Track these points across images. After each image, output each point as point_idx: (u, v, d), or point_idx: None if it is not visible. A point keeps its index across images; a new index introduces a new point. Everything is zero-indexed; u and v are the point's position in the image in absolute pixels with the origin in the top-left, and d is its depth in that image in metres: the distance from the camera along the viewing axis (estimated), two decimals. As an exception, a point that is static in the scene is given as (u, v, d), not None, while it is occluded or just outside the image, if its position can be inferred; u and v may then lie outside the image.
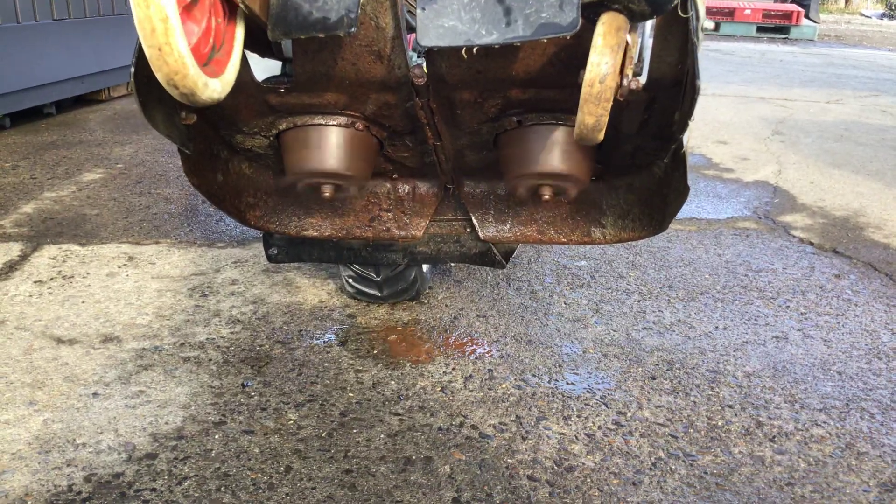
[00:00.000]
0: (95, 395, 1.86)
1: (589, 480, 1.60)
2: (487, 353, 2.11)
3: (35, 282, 2.48)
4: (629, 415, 1.84)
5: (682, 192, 1.51)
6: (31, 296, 2.38)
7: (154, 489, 1.54)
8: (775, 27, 12.28)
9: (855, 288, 2.62)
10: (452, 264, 2.64)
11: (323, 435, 1.72)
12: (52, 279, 2.50)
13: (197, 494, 1.53)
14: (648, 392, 1.94)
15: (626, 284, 2.60)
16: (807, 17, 12.78)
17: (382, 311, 2.31)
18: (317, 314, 2.29)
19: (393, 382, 1.94)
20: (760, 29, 12.25)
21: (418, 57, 1.73)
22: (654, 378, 2.01)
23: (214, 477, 1.58)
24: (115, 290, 2.43)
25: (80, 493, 1.53)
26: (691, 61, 1.38)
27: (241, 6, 1.27)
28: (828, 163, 4.33)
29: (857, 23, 16.17)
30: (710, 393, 1.95)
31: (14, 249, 2.74)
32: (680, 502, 1.55)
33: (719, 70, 8.00)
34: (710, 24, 2.31)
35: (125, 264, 2.63)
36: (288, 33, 1.31)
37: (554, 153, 1.59)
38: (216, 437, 1.70)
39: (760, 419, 1.85)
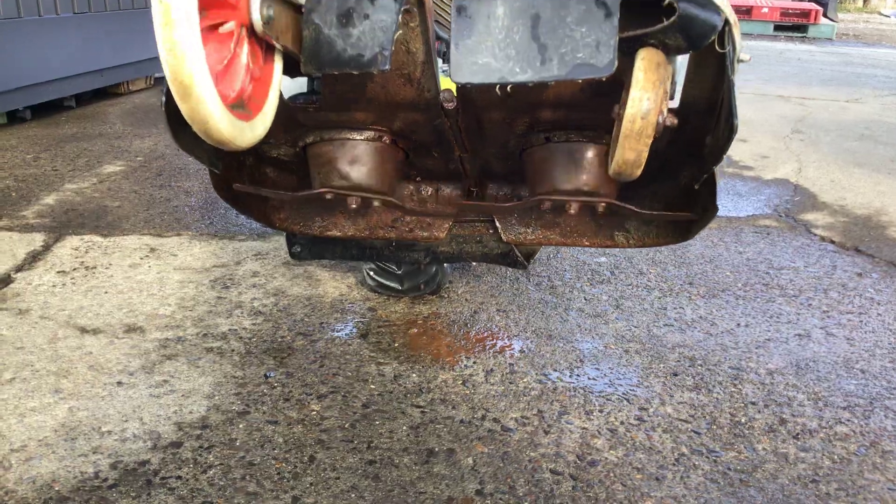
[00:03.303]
0: (120, 383, 1.87)
1: (612, 475, 1.60)
2: (508, 347, 2.11)
3: (58, 272, 2.50)
4: (651, 410, 1.84)
5: (709, 211, 1.49)
6: (54, 286, 2.40)
7: (179, 477, 1.55)
8: (793, 26, 12.20)
9: (877, 286, 2.60)
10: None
11: (346, 426, 1.73)
12: (74, 269, 2.52)
13: (222, 483, 1.53)
14: (671, 388, 1.94)
15: (647, 281, 2.59)
16: (825, 15, 12.68)
17: (403, 305, 2.32)
18: (337, 307, 2.30)
19: (414, 375, 1.94)
20: (778, 27, 12.16)
21: (444, 62, 1.74)
22: (676, 374, 2.00)
23: (239, 466, 1.59)
24: (138, 280, 2.45)
25: (106, 479, 1.54)
26: (727, 98, 1.36)
27: (277, 45, 1.28)
28: (848, 161, 4.30)
29: (876, 22, 16.03)
30: (733, 390, 1.95)
31: (37, 240, 2.76)
32: (704, 498, 1.55)
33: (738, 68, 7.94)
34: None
35: (147, 255, 2.65)
36: (321, 68, 1.32)
37: (582, 171, 1.60)
38: (240, 426, 1.71)
39: (784, 416, 1.84)
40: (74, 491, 1.50)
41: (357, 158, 1.63)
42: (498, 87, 1.31)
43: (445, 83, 1.48)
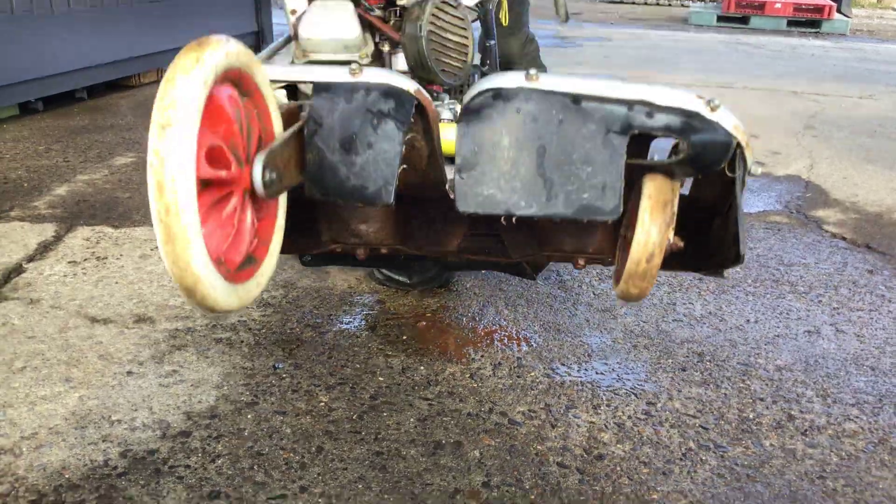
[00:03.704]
0: (130, 373, 1.88)
1: (619, 469, 1.60)
2: (516, 341, 2.11)
3: (69, 262, 2.51)
4: (659, 405, 1.84)
5: (730, 258, 1.38)
6: (65, 276, 2.41)
7: (188, 466, 1.56)
8: (806, 21, 12.10)
9: (889, 284, 2.59)
10: None
11: (354, 417, 1.73)
12: (85, 260, 2.54)
13: (230, 472, 1.54)
14: (679, 383, 1.93)
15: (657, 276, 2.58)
16: (839, 11, 12.58)
17: (411, 298, 2.32)
18: (346, 299, 2.31)
19: (422, 368, 1.95)
20: (791, 23, 12.07)
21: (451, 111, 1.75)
22: (684, 369, 2.00)
23: (247, 455, 1.59)
24: (148, 271, 2.46)
25: (115, 467, 1.55)
26: (734, 224, 1.32)
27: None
28: (861, 158, 4.27)
29: (891, 17, 15.88)
30: (742, 385, 1.94)
31: (48, 230, 2.78)
32: (710, 492, 1.55)
33: (750, 64, 7.90)
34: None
35: (157, 247, 2.66)
36: (325, 196, 1.30)
37: (590, 236, 1.61)
38: (249, 416, 1.72)
39: (792, 412, 1.84)
40: (84, 478, 1.51)
41: (367, 218, 1.66)
42: (503, 217, 1.31)
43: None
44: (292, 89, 1.71)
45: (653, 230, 1.24)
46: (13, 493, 1.46)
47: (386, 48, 1.69)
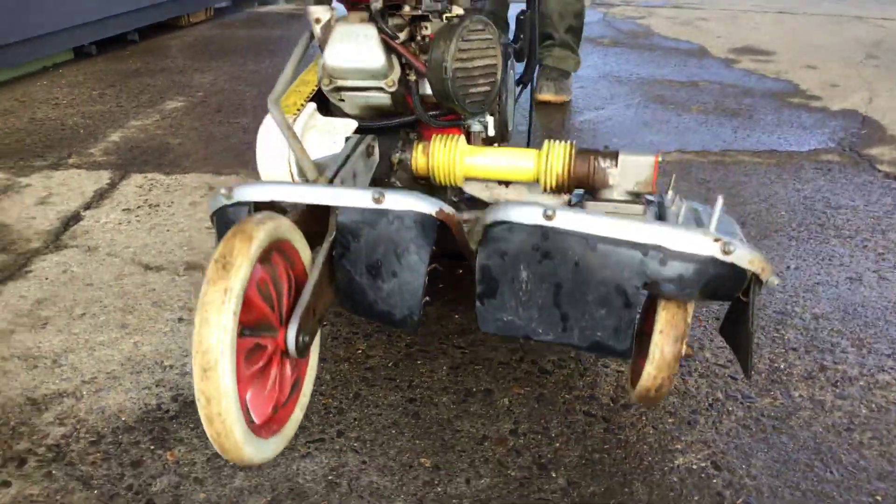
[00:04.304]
0: (180, 320, 1.99)
1: (644, 418, 1.64)
2: (551, 288, 2.14)
3: (123, 209, 2.63)
4: (689, 354, 1.86)
5: (741, 368, 1.43)
6: (120, 223, 2.53)
7: (234, 411, 1.66)
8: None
9: (940, 228, 2.52)
10: None
11: (389, 365, 1.81)
12: (139, 207, 2.65)
13: (272, 417, 1.64)
14: (711, 333, 1.95)
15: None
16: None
17: (449, 245, 2.37)
18: (386, 246, 2.36)
19: (457, 316, 2.00)
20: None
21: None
22: (718, 319, 2.01)
23: (288, 401, 1.69)
24: (198, 219, 2.56)
25: (167, 411, 1.66)
26: (745, 343, 1.33)
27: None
28: (925, 90, 4.09)
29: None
30: (776, 335, 1.95)
31: (104, 177, 2.90)
32: (734, 443, 1.58)
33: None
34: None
35: (206, 194, 2.75)
36: (356, 313, 1.37)
37: None
38: (290, 363, 1.81)
39: (825, 363, 1.84)
40: (139, 421, 1.63)
41: None
42: (521, 338, 1.36)
43: None
44: (323, 100, 1.71)
45: (663, 367, 1.29)
46: (75, 435, 1.59)
47: (412, 77, 1.65)
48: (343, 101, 1.66)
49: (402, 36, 1.59)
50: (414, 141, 1.66)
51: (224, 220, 1.33)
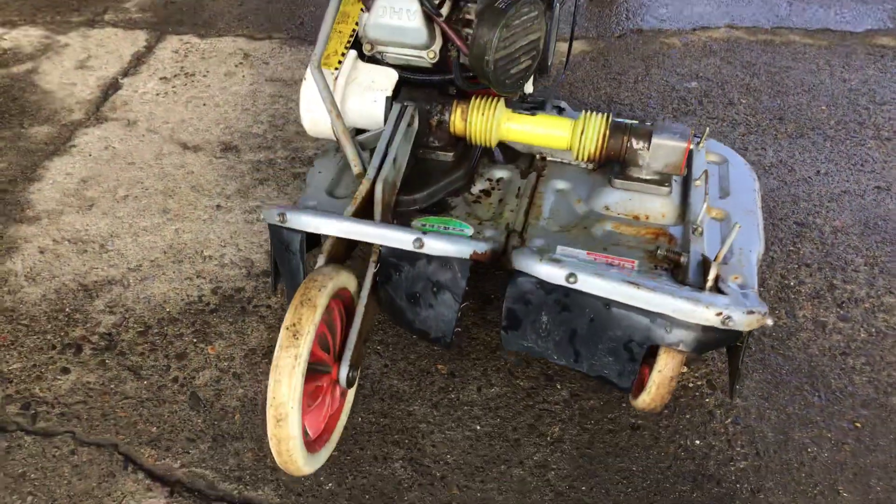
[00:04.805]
0: (218, 207, 2.09)
1: (650, 334, 1.74)
2: (576, 187, 2.18)
3: (161, 78, 2.66)
4: (703, 267, 1.92)
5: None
6: (157, 94, 2.57)
7: (269, 307, 1.80)
8: None
9: (984, 133, 2.46)
10: None
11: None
12: (175, 76, 2.67)
13: (303, 315, 1.77)
14: (727, 244, 2.00)
15: (734, 114, 2.53)
16: None
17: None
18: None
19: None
20: None
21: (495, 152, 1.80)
22: (736, 229, 2.05)
23: (318, 300, 1.81)
24: (233, 92, 2.58)
25: (208, 304, 1.80)
26: (733, 375, 1.49)
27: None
28: None
29: None
30: (791, 249, 1.99)
31: (140, 39, 2.90)
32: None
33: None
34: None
35: (241, 62, 2.75)
36: (398, 325, 1.58)
37: None
38: (320, 260, 1.92)
39: (834, 282, 1.90)
40: (182, 313, 1.78)
41: None
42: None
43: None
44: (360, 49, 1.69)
45: (657, 398, 1.45)
46: (124, 324, 1.75)
47: (453, 53, 1.63)
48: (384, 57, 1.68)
49: (444, 10, 1.56)
50: (452, 101, 1.66)
51: (278, 238, 1.47)
